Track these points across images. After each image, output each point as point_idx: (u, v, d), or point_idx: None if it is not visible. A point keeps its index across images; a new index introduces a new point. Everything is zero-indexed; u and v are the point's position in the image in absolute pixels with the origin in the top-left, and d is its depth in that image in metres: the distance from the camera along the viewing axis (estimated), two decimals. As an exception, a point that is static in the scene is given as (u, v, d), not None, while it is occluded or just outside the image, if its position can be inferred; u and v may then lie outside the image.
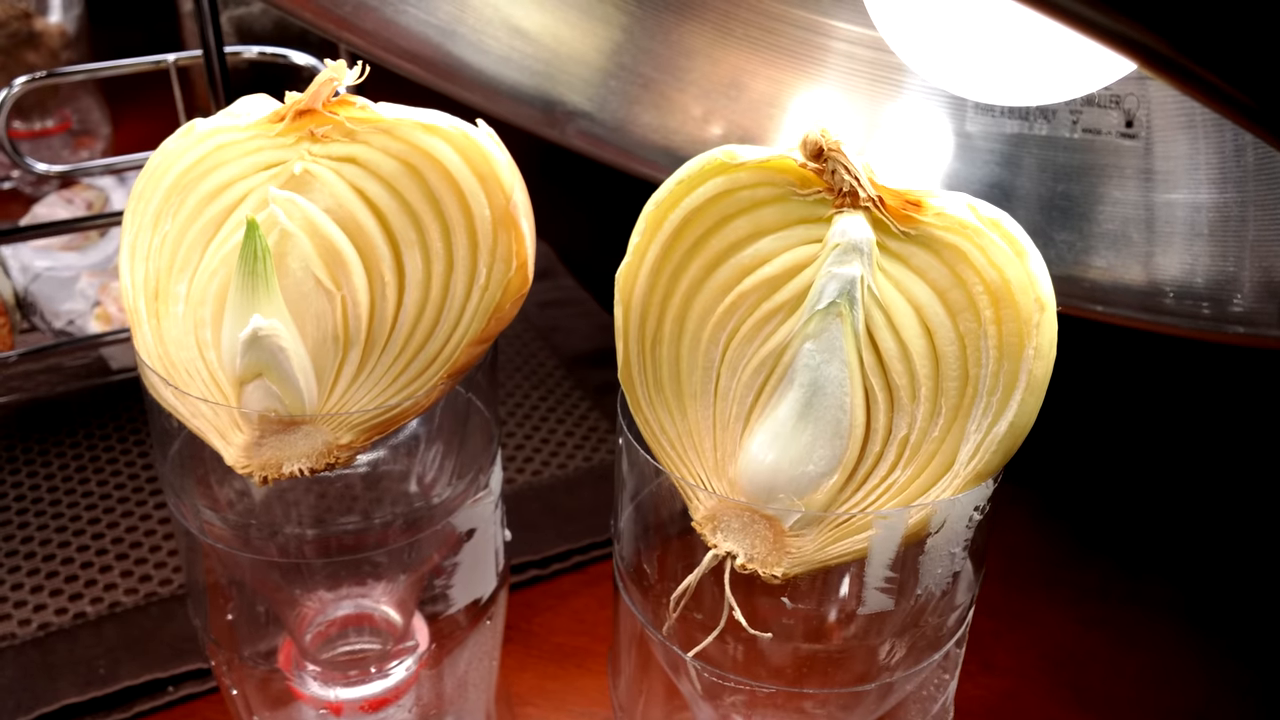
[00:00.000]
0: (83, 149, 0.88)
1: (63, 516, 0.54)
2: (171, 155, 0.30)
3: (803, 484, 0.26)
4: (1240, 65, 0.17)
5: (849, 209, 0.26)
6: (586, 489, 0.57)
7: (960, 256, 0.26)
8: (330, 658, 0.37)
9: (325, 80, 0.29)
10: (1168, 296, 0.33)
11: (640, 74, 0.46)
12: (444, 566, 0.34)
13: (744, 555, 0.26)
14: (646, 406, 0.28)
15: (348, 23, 0.41)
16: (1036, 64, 0.31)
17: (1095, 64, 0.30)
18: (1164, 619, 0.52)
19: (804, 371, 0.26)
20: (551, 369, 0.66)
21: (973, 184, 0.39)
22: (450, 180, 0.29)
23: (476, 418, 0.34)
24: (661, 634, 0.29)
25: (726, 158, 0.27)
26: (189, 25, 0.87)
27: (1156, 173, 0.34)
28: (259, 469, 0.29)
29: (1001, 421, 0.25)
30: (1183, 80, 0.18)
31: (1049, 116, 0.38)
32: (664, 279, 0.28)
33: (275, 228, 0.28)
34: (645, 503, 0.29)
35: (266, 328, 0.27)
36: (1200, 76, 0.18)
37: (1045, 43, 0.30)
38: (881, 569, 0.26)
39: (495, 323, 0.30)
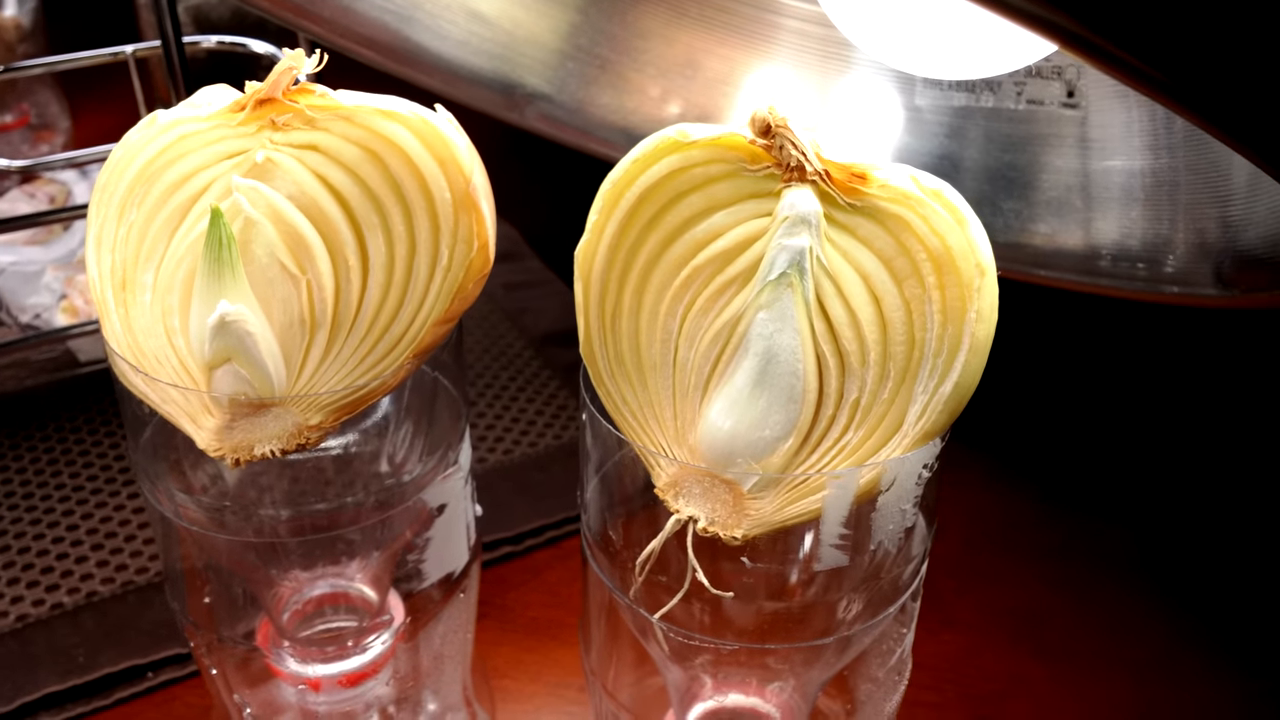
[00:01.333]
0: (42, 143, 0.87)
1: (36, 509, 0.54)
2: (134, 147, 0.31)
3: (760, 448, 0.27)
4: (1152, 41, 0.18)
5: (797, 183, 0.27)
6: (558, 465, 0.58)
7: (904, 225, 0.27)
8: (308, 635, 0.38)
9: (285, 69, 0.30)
10: (1104, 259, 0.34)
11: (597, 55, 0.47)
12: (417, 542, 0.35)
13: (705, 519, 0.27)
14: (608, 379, 0.29)
15: (305, 10, 0.41)
16: (977, 38, 0.32)
17: (1031, 38, 0.31)
18: (1120, 573, 0.53)
19: (758, 340, 0.27)
20: (520, 349, 0.66)
21: (922, 156, 0.40)
22: (410, 165, 0.30)
23: (444, 395, 0.34)
24: (629, 598, 0.30)
25: (679, 136, 0.28)
26: (145, 16, 0.87)
27: (1094, 141, 0.35)
28: (231, 451, 0.29)
29: (946, 383, 0.26)
30: (1101, 60, 0.19)
31: (994, 89, 0.39)
32: (621, 255, 0.29)
33: (240, 215, 0.29)
34: (610, 473, 0.30)
35: (234, 313, 0.28)
36: (1117, 56, 0.19)
37: (984, 18, 0.31)
38: (836, 527, 0.27)
39: (459, 302, 0.30)
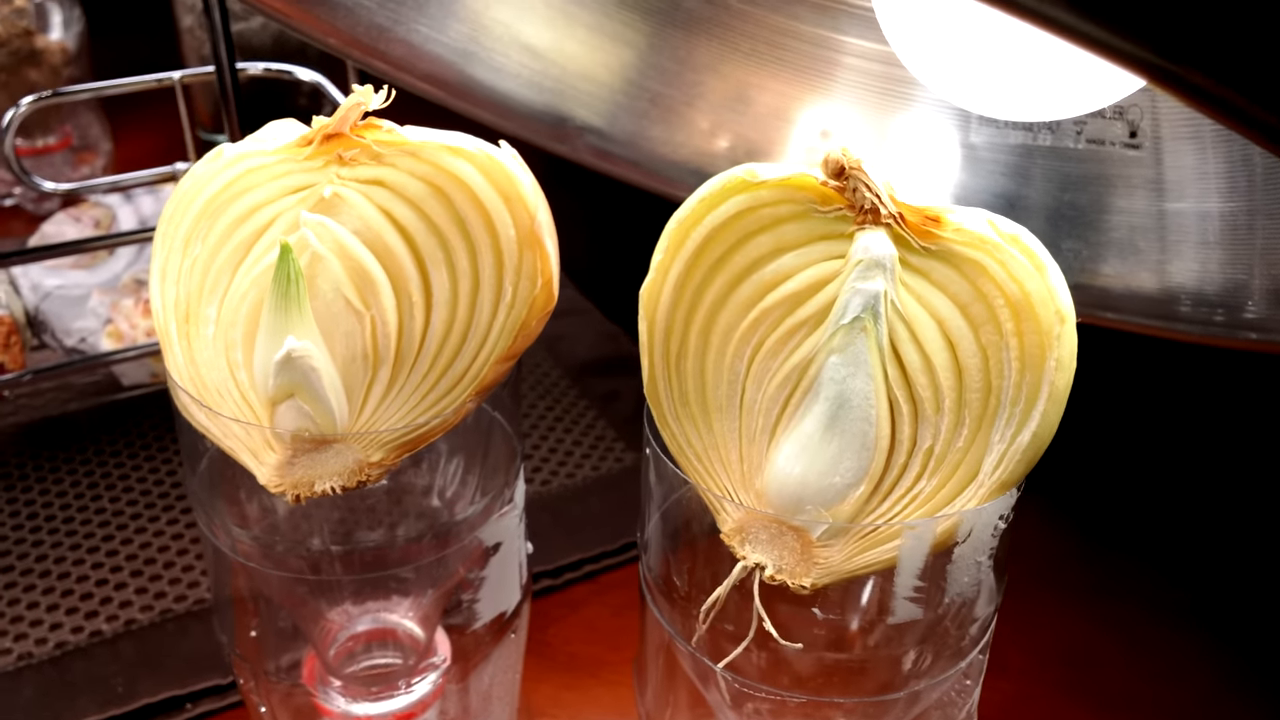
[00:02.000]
0: (84, 165, 0.88)
1: (76, 534, 0.54)
2: (201, 179, 0.31)
3: (830, 495, 0.27)
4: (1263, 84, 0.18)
5: (870, 225, 0.27)
6: (595, 497, 0.58)
7: (980, 271, 0.26)
8: (353, 672, 0.37)
9: (353, 104, 0.30)
10: (1182, 304, 0.34)
11: (648, 89, 0.47)
12: (470, 580, 0.34)
13: (773, 566, 0.27)
14: (673, 420, 0.29)
15: (375, 50, 0.41)
16: (1048, 81, 0.31)
17: (1106, 81, 0.31)
18: (1171, 618, 0.52)
19: (830, 385, 0.26)
20: (557, 379, 0.66)
21: (979, 195, 0.40)
22: (475, 201, 0.30)
23: (499, 432, 0.34)
24: (690, 645, 0.29)
25: (748, 176, 0.28)
26: (188, 40, 0.87)
27: (1160, 181, 0.34)
28: (291, 487, 0.29)
29: (1025, 432, 0.26)
30: (1205, 103, 0.18)
31: (1053, 128, 0.39)
32: (688, 295, 0.28)
33: (306, 250, 0.29)
34: (672, 514, 0.30)
35: (300, 349, 0.28)
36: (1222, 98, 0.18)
37: (1058, 60, 0.30)
38: (910, 579, 0.26)
39: (521, 340, 0.30)
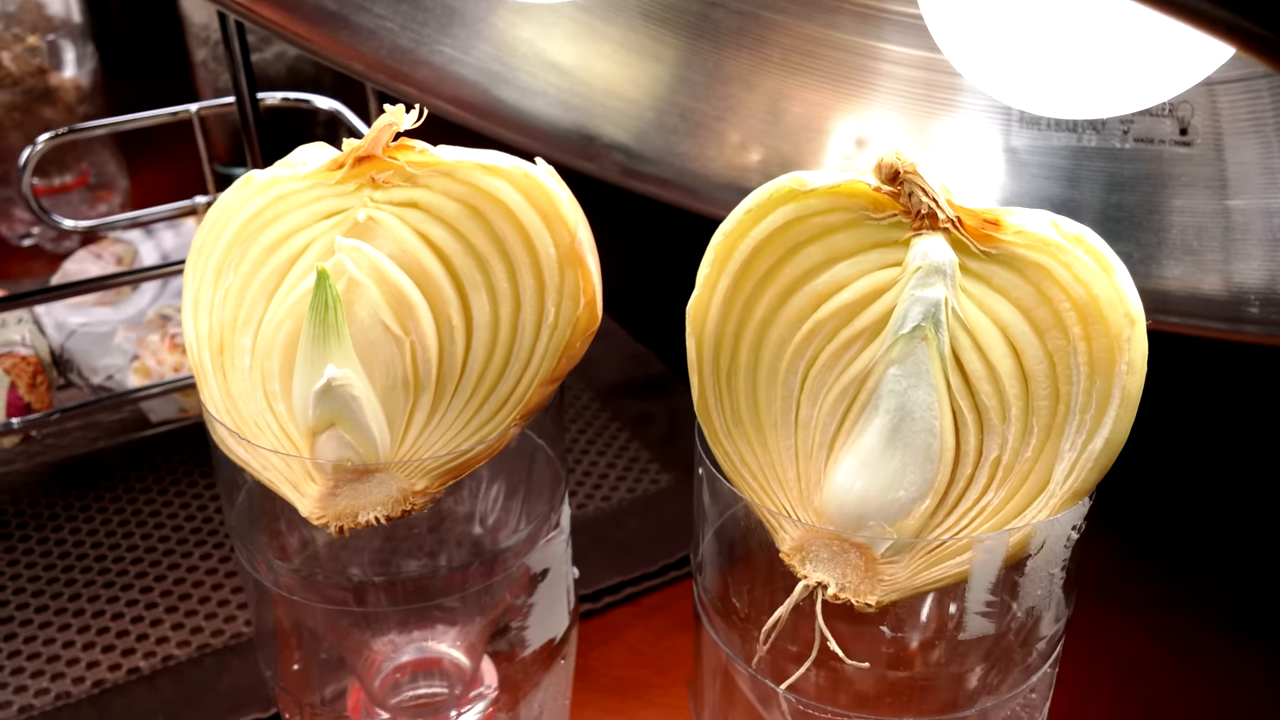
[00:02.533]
0: (101, 203, 0.88)
1: (109, 572, 0.54)
2: (231, 207, 0.30)
3: (893, 510, 0.26)
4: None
5: (927, 230, 0.26)
6: (633, 520, 0.57)
7: (1045, 274, 0.25)
8: (399, 703, 0.36)
9: (385, 125, 0.29)
10: (1250, 305, 0.33)
11: (676, 103, 0.46)
12: (518, 607, 0.33)
13: (835, 585, 0.26)
14: (725, 438, 0.28)
15: (402, 74, 0.41)
16: (1098, 76, 0.30)
17: (1159, 77, 0.30)
18: (1224, 627, 0.51)
19: (890, 397, 0.26)
20: (588, 402, 0.65)
21: (1025, 200, 0.39)
22: (514, 220, 0.29)
23: (542, 457, 0.33)
24: (751, 666, 0.28)
25: (795, 185, 0.27)
26: (201, 74, 0.87)
27: (1224, 179, 0.33)
28: (334, 519, 0.28)
29: (1097, 439, 0.25)
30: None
31: (1098, 128, 0.38)
32: (736, 310, 0.28)
33: (343, 276, 0.28)
34: (727, 533, 0.29)
35: (340, 378, 0.27)
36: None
37: (1109, 56, 0.30)
38: (982, 593, 0.25)
39: (566, 361, 0.29)
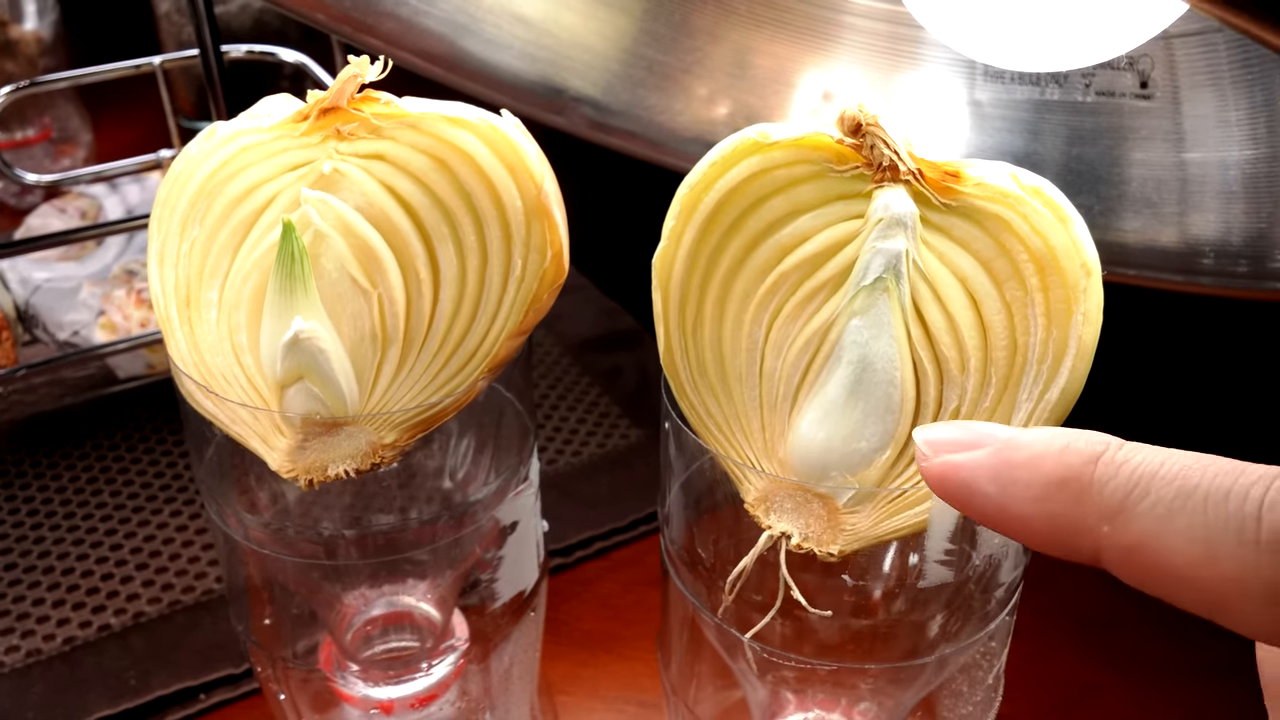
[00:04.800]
0: (64, 157, 0.86)
1: (78, 529, 0.54)
2: (195, 160, 0.30)
3: (855, 461, 0.26)
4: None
5: (889, 183, 0.26)
6: (603, 475, 0.57)
7: (1003, 225, 0.26)
8: (370, 656, 0.37)
9: (349, 77, 0.29)
10: (1205, 256, 0.33)
11: (643, 56, 0.46)
12: (488, 560, 0.34)
13: (799, 535, 0.26)
14: (691, 391, 0.28)
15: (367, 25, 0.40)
16: (1059, 29, 0.31)
17: (1118, 30, 0.30)
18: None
19: (852, 348, 0.26)
20: (558, 357, 0.66)
21: (988, 153, 0.39)
22: (480, 173, 0.29)
23: (511, 410, 0.34)
24: (716, 616, 0.29)
25: (760, 137, 0.27)
26: (165, 26, 0.86)
27: (1180, 132, 0.34)
28: (304, 472, 0.28)
29: (1053, 388, 0.25)
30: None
31: (1060, 81, 0.38)
32: (702, 262, 0.28)
33: (309, 228, 0.28)
34: (693, 486, 0.29)
35: (307, 330, 0.27)
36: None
37: (1069, 8, 0.30)
38: (941, 541, 0.26)
39: (533, 314, 0.29)
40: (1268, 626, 0.17)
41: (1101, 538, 0.18)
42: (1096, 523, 0.18)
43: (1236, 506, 0.17)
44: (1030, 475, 0.19)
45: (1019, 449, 0.20)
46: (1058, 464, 0.19)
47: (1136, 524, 0.18)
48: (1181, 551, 0.17)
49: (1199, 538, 0.17)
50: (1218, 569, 0.17)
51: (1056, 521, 0.19)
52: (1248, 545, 0.16)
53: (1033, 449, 0.20)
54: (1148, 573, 0.18)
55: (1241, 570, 0.17)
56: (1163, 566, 0.18)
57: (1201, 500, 0.17)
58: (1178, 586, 0.17)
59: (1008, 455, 0.20)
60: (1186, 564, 0.17)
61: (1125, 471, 0.18)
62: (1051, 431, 0.20)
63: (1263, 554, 0.16)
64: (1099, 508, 0.18)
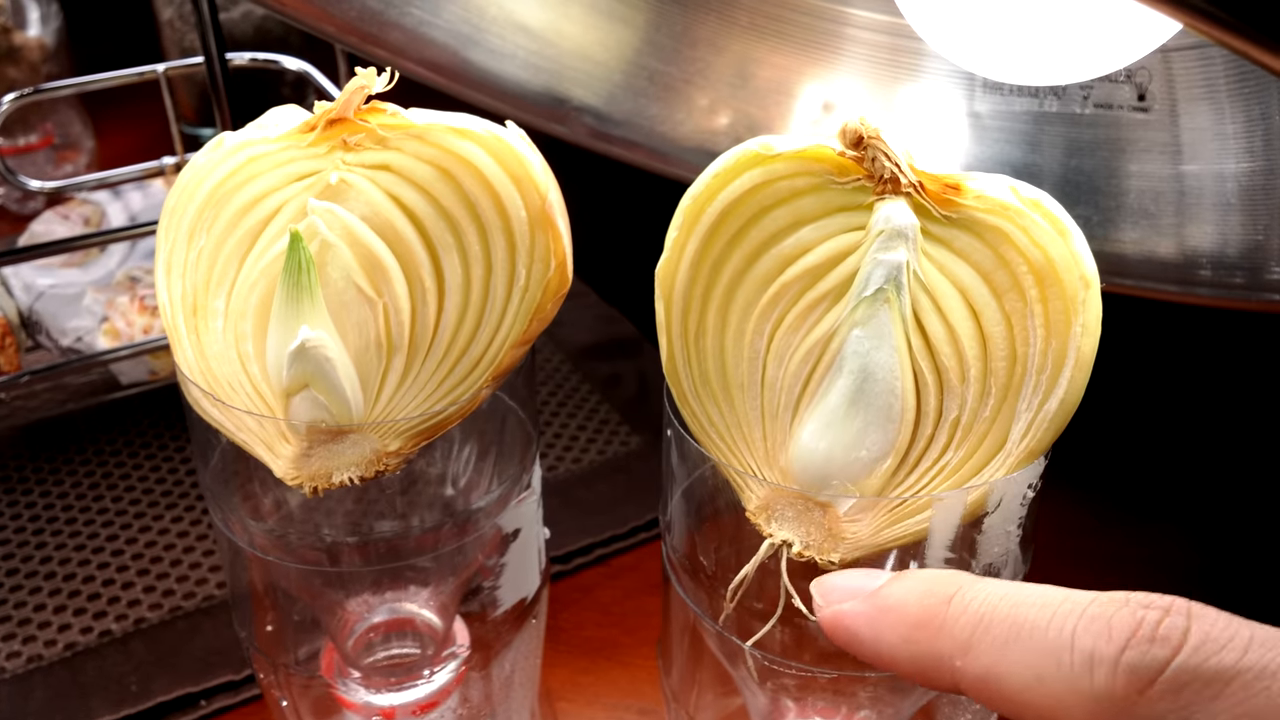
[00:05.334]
0: (66, 163, 0.87)
1: (80, 535, 0.54)
2: (203, 170, 0.30)
3: (856, 470, 0.26)
4: None
5: (890, 195, 0.26)
6: (603, 482, 0.57)
7: (1003, 238, 0.26)
8: (371, 663, 0.37)
9: (356, 88, 0.29)
10: (1202, 268, 0.34)
11: (646, 67, 0.47)
12: (490, 568, 0.34)
13: (800, 543, 0.27)
14: (693, 399, 0.28)
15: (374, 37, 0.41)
16: (1059, 44, 0.31)
17: (1117, 44, 0.30)
18: (1180, 581, 0.52)
19: (853, 358, 0.26)
20: (558, 364, 0.66)
21: (988, 164, 0.40)
22: (485, 183, 0.29)
23: (514, 418, 0.34)
24: (718, 624, 0.29)
25: (762, 149, 0.27)
26: (167, 33, 0.86)
27: (1178, 145, 0.34)
28: (308, 480, 0.29)
29: (1052, 399, 0.25)
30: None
31: (1059, 93, 0.39)
32: (704, 272, 0.28)
33: (315, 238, 0.28)
34: (695, 493, 0.30)
35: (314, 339, 0.27)
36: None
37: (1068, 23, 0.30)
38: (941, 550, 0.26)
39: (537, 323, 0.30)
40: None
41: (956, 670, 0.21)
42: (951, 657, 0.21)
43: (1054, 636, 0.19)
44: (897, 619, 0.22)
45: (888, 598, 0.22)
46: (918, 608, 0.22)
47: (982, 657, 0.20)
48: (1018, 677, 0.20)
49: (1029, 666, 0.20)
50: (1045, 691, 0.19)
51: (920, 659, 0.22)
52: (1064, 668, 0.19)
53: (899, 596, 0.22)
54: (994, 697, 0.20)
55: (1065, 691, 0.19)
56: (1005, 693, 0.20)
57: (1029, 634, 0.20)
58: (1020, 709, 0.20)
59: (879, 603, 0.23)
60: (1023, 688, 0.20)
61: (972, 609, 0.21)
62: (916, 576, 0.23)
63: (1077, 676, 0.19)
64: (952, 643, 0.21)
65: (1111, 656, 0.19)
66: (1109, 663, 0.19)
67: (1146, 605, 0.19)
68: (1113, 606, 0.19)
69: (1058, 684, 0.19)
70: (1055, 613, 0.20)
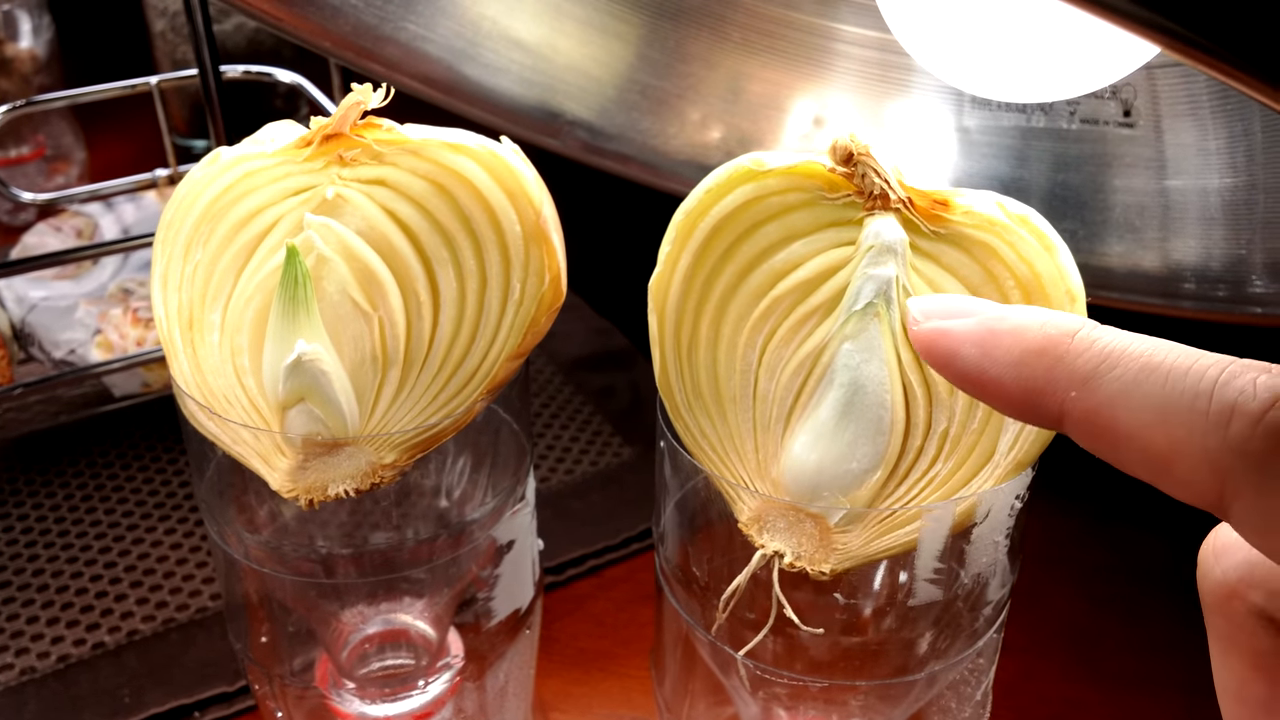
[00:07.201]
0: (57, 174, 0.87)
1: (72, 548, 0.54)
2: (199, 184, 0.30)
3: (846, 481, 0.27)
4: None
5: (880, 211, 0.27)
6: (596, 493, 0.58)
7: (991, 253, 0.26)
8: (366, 674, 0.37)
9: (352, 104, 0.30)
10: (1186, 281, 0.34)
11: (638, 81, 0.47)
12: (485, 579, 0.34)
13: (791, 554, 0.27)
14: (685, 412, 0.29)
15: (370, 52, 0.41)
16: (1046, 61, 0.31)
17: (1104, 62, 0.31)
18: (1168, 591, 0.53)
19: (844, 371, 0.27)
20: (550, 375, 0.66)
21: (975, 179, 0.40)
22: (480, 198, 0.29)
23: (508, 431, 0.34)
24: (710, 634, 0.29)
25: (754, 165, 0.28)
26: (160, 45, 0.87)
27: (1162, 160, 0.35)
28: (304, 492, 0.29)
29: (1039, 412, 0.26)
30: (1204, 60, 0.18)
31: (1046, 109, 0.39)
32: (697, 286, 0.28)
33: (311, 252, 0.29)
34: (687, 505, 0.30)
35: (310, 353, 0.28)
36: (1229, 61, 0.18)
37: (1055, 41, 0.31)
38: (930, 561, 0.26)
39: (531, 337, 0.30)
40: (1200, 488, 0.19)
41: (1067, 401, 0.20)
42: (1065, 388, 0.20)
43: (1193, 382, 0.19)
44: (1012, 342, 0.21)
45: (1004, 320, 0.22)
46: (1039, 335, 0.21)
47: (1102, 391, 0.20)
48: (1137, 416, 0.19)
49: (1155, 405, 0.19)
50: (1167, 433, 0.19)
51: (1029, 385, 0.21)
52: (1198, 414, 0.19)
53: (1017, 320, 0.21)
54: (1102, 433, 0.20)
55: (1188, 435, 0.19)
56: (1118, 428, 0.20)
57: (1164, 375, 0.19)
58: (1129, 447, 0.20)
59: (993, 324, 0.22)
60: (1140, 426, 0.19)
61: (1098, 346, 0.20)
62: (1032, 308, 0.22)
63: (1210, 424, 0.18)
64: (1070, 375, 0.20)
65: (1254, 412, 0.18)
66: (1249, 418, 0.18)
67: None
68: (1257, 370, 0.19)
69: (1183, 428, 0.19)
70: (1197, 361, 0.19)
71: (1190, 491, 0.19)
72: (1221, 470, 0.18)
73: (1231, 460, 0.18)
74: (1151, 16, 0.18)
